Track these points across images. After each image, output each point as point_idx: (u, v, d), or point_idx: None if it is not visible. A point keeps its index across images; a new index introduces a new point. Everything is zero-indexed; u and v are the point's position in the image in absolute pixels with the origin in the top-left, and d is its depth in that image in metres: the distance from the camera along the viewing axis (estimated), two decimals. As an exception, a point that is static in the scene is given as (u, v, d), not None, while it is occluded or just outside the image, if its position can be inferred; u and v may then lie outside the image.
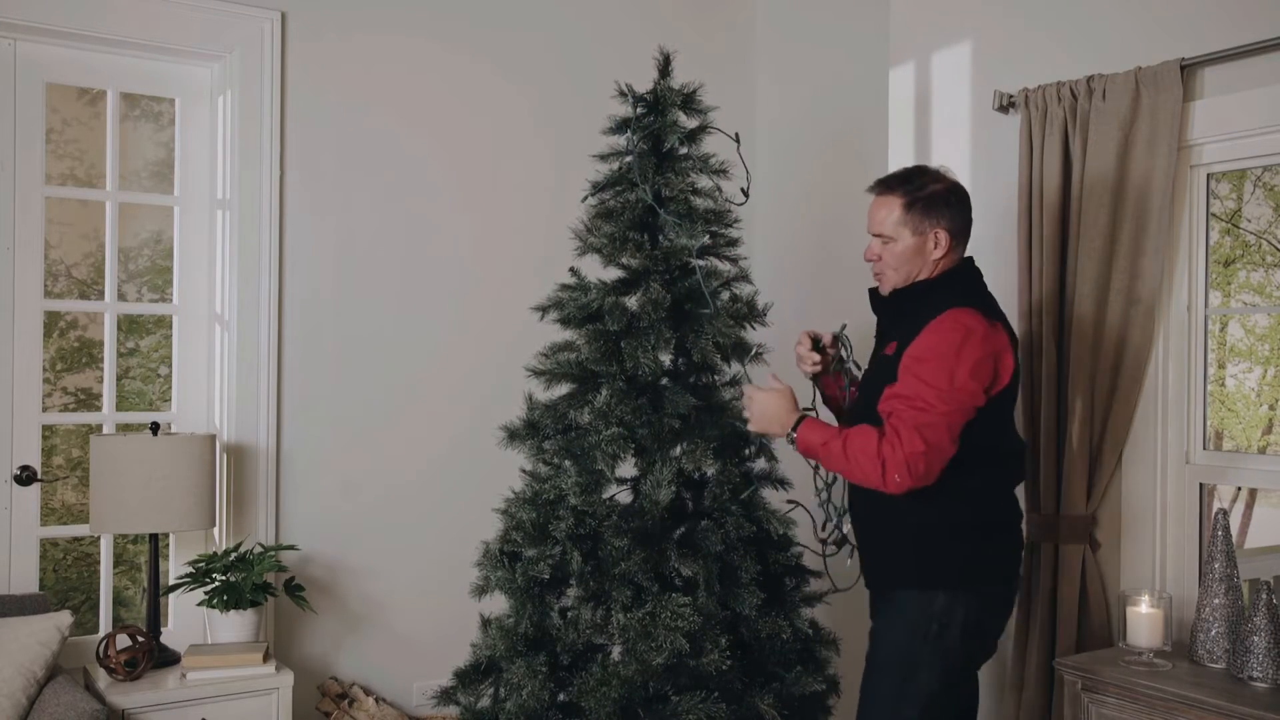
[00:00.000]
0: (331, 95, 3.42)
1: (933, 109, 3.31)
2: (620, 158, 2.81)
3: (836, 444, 2.33)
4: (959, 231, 2.41)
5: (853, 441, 2.30)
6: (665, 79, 2.80)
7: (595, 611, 2.60)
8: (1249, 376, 3.04)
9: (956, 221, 2.40)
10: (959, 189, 2.42)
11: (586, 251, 2.81)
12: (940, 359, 2.25)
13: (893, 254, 2.43)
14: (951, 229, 2.39)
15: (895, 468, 2.23)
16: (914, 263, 2.41)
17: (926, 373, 2.24)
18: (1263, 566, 3.04)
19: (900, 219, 2.40)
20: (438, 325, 3.55)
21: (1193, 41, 2.68)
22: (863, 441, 2.28)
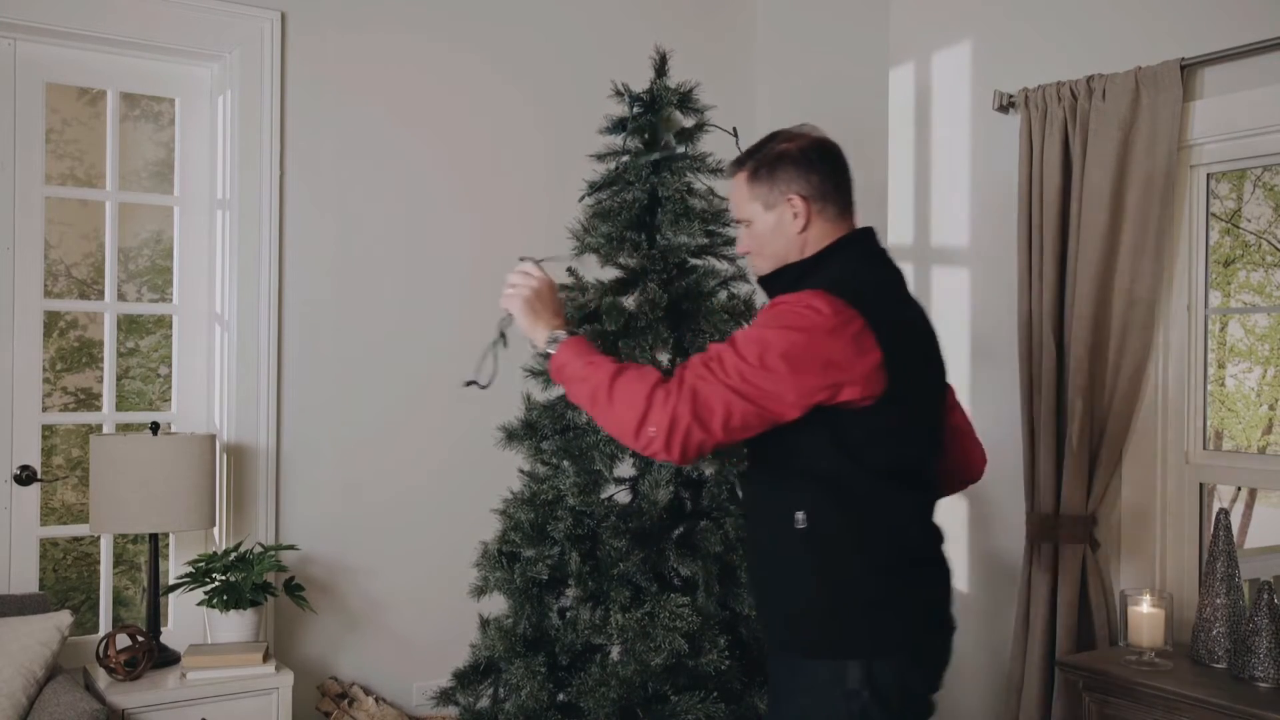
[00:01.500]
0: (331, 95, 3.42)
1: (933, 109, 3.31)
2: (617, 157, 2.81)
3: (604, 372, 1.86)
4: (819, 194, 1.94)
5: (628, 374, 1.84)
6: (662, 78, 2.80)
7: (594, 612, 2.60)
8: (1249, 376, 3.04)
9: (814, 183, 1.94)
10: (817, 145, 1.97)
11: (584, 251, 2.81)
12: (760, 331, 1.81)
13: (754, 238, 1.99)
14: (808, 192, 1.93)
15: (656, 420, 1.78)
16: (778, 242, 1.96)
17: (739, 340, 1.82)
18: (1263, 566, 3.04)
19: (749, 194, 1.98)
20: (437, 324, 3.55)
21: (1193, 41, 2.68)
22: (639, 378, 1.83)
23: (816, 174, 1.95)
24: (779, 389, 1.78)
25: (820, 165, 1.95)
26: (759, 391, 1.78)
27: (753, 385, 1.78)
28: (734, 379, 1.78)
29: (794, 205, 1.94)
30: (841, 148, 2.01)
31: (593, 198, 2.83)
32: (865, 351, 1.78)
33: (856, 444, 1.82)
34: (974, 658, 3.14)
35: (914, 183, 3.36)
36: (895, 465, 1.86)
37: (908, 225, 3.37)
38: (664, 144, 2.78)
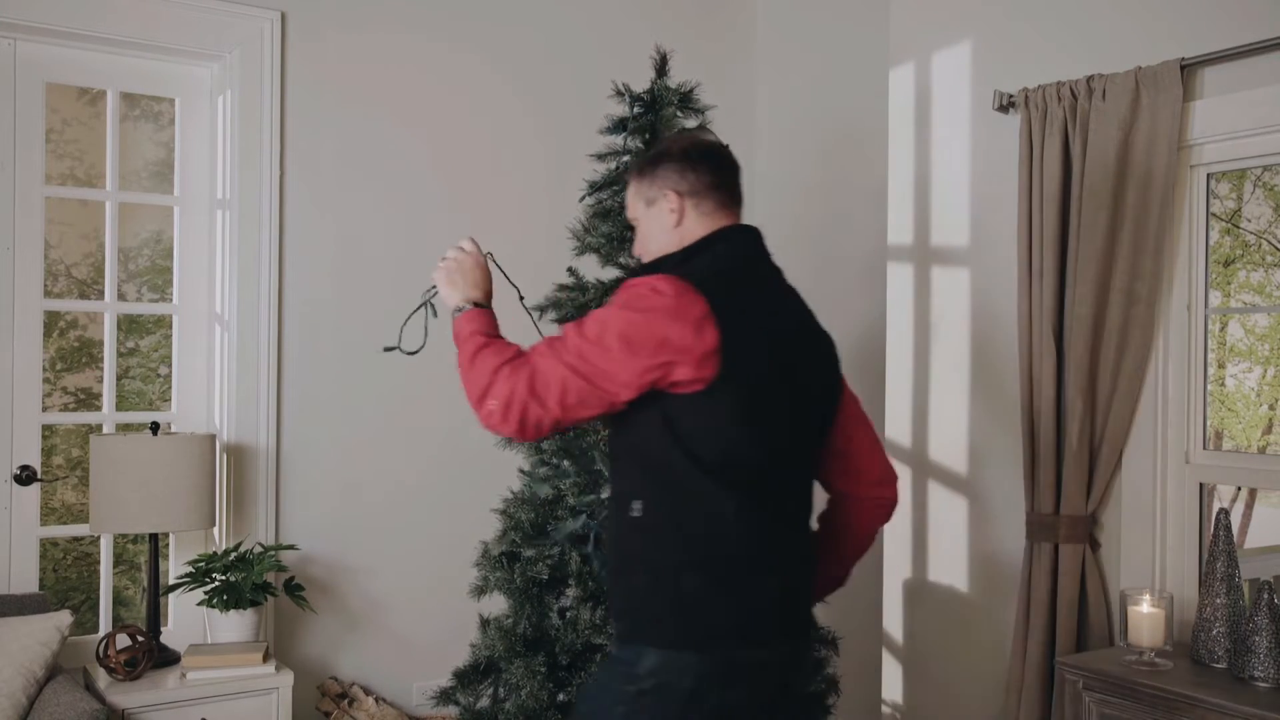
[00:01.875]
0: (331, 95, 3.42)
1: (933, 109, 3.31)
2: (618, 157, 2.81)
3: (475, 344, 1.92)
4: (693, 190, 1.96)
5: (490, 349, 1.90)
6: (662, 78, 2.80)
7: (594, 612, 2.60)
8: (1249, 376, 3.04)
9: (690, 180, 1.96)
10: (697, 145, 2.02)
11: (584, 251, 2.81)
12: (604, 311, 1.85)
13: (640, 235, 2.05)
14: (683, 189, 1.96)
15: (497, 394, 1.83)
16: (659, 238, 2.00)
17: (586, 320, 1.86)
18: (1263, 566, 3.04)
19: (634, 193, 2.04)
20: (437, 324, 3.54)
21: (1193, 41, 2.68)
22: (496, 353, 1.89)
23: (693, 172, 1.98)
24: (612, 368, 1.79)
25: (699, 163, 1.98)
26: (593, 369, 1.80)
27: (588, 363, 1.80)
28: (572, 356, 1.81)
29: (670, 201, 1.97)
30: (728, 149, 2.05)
31: (593, 198, 2.83)
32: (702, 334, 1.78)
33: (688, 435, 1.82)
34: (974, 658, 3.14)
35: (914, 183, 3.36)
36: (726, 463, 1.84)
37: (908, 225, 3.37)
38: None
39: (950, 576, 3.23)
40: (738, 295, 1.87)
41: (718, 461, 1.83)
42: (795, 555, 1.93)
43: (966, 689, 3.16)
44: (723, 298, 1.83)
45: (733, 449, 1.84)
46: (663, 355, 1.78)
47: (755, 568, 1.86)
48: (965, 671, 3.17)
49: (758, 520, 1.86)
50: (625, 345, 1.79)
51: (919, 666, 3.32)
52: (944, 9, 3.28)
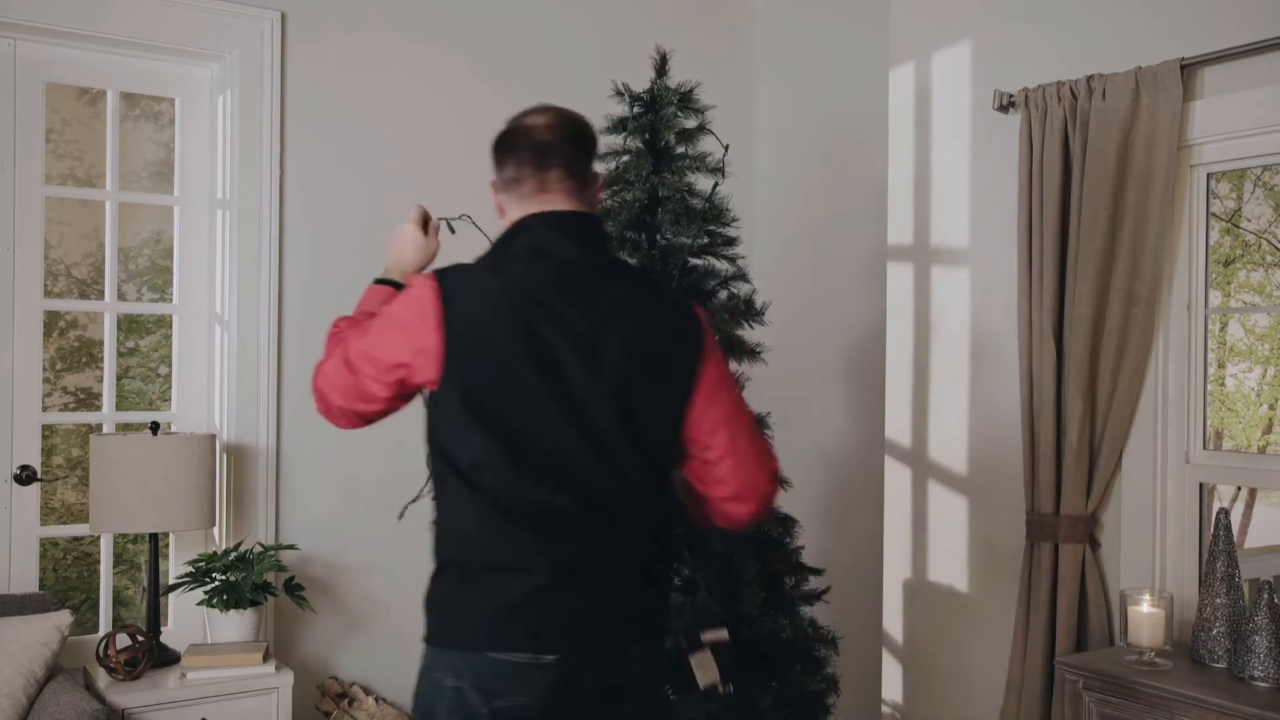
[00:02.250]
0: (331, 95, 3.42)
1: (933, 109, 3.31)
2: (618, 157, 2.81)
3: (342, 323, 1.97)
4: (504, 180, 1.92)
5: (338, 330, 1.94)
6: (662, 78, 2.80)
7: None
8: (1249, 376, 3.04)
9: (501, 169, 1.92)
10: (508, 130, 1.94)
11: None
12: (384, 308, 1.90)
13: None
14: (498, 178, 1.93)
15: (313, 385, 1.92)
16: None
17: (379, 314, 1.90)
18: (1263, 566, 3.04)
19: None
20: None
21: (1193, 41, 2.68)
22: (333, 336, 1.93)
23: (502, 161, 1.92)
24: (365, 365, 1.82)
25: (507, 152, 1.91)
26: (357, 366, 1.83)
27: (355, 359, 1.84)
28: (351, 352, 1.84)
29: (492, 194, 1.96)
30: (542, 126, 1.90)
31: (593, 197, 2.83)
32: (431, 334, 1.77)
33: (440, 434, 1.81)
34: (974, 658, 3.14)
35: (914, 183, 3.36)
36: (473, 464, 1.78)
37: (908, 225, 3.37)
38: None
39: (950, 576, 3.23)
40: (491, 292, 1.79)
41: (466, 462, 1.78)
42: (577, 564, 1.78)
43: (966, 689, 3.16)
44: (471, 297, 1.78)
45: (468, 453, 1.78)
46: (406, 356, 1.79)
47: (509, 570, 1.77)
48: (965, 671, 3.17)
49: (504, 523, 1.77)
50: (378, 342, 1.82)
51: (919, 666, 3.32)
52: (944, 9, 3.28)
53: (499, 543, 1.78)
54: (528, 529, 1.76)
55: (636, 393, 1.80)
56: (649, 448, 1.82)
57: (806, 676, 2.68)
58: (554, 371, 1.77)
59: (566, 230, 1.86)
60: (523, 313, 1.78)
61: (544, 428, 1.77)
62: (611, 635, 1.81)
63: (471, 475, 1.78)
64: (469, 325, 1.77)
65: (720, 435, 1.86)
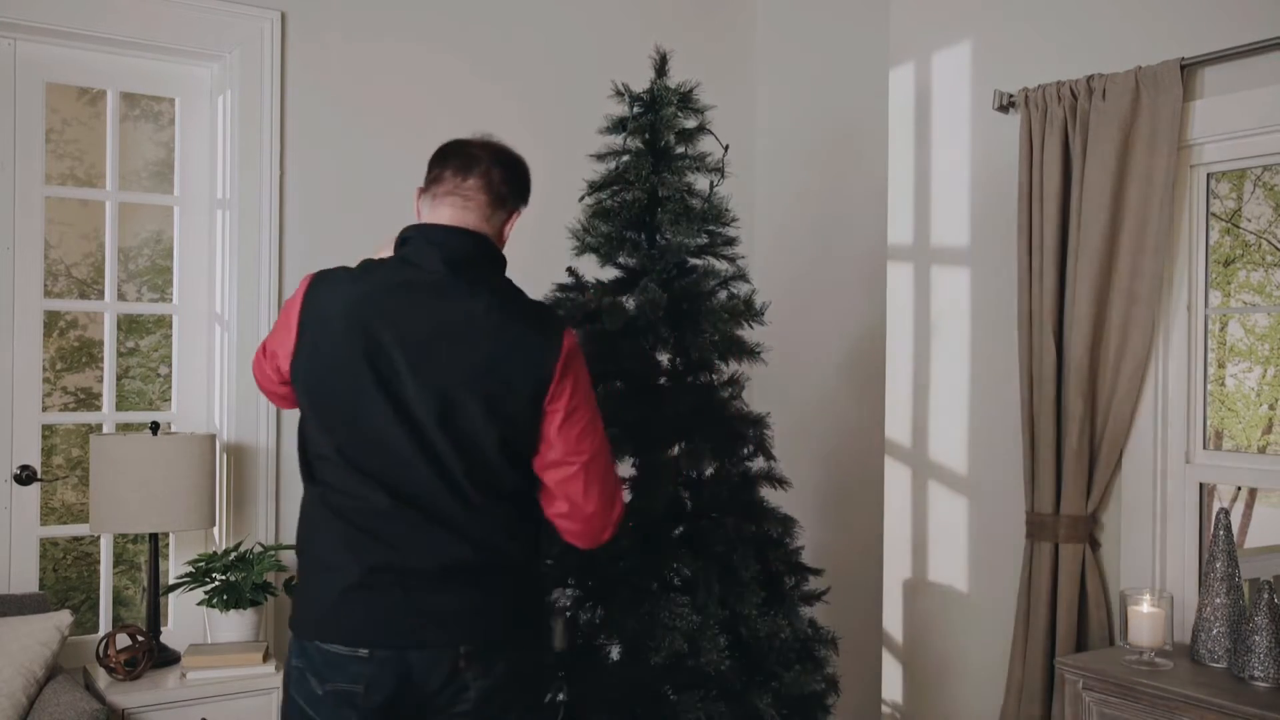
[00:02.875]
0: (331, 95, 3.42)
1: (933, 109, 3.31)
2: (617, 157, 2.81)
3: None
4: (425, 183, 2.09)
5: None
6: (662, 78, 2.80)
7: (594, 611, 2.60)
8: (1249, 376, 3.04)
9: (427, 172, 2.11)
10: (450, 142, 2.13)
11: (584, 251, 2.81)
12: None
13: None
14: (423, 183, 2.11)
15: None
16: None
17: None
18: (1263, 566, 3.04)
19: None
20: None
21: (1193, 41, 2.68)
22: None
23: (431, 166, 2.09)
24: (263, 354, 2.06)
25: (439, 159, 2.08)
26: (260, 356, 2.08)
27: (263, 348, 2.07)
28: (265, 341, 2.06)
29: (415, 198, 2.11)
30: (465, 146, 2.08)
31: (593, 197, 2.83)
32: (290, 333, 1.94)
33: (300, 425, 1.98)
34: (974, 658, 3.14)
35: (914, 183, 3.36)
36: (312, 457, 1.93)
37: (908, 225, 3.37)
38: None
39: (950, 576, 3.23)
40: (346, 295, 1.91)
41: (310, 453, 1.94)
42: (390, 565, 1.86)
43: (966, 689, 3.16)
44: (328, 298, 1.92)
45: (314, 443, 1.93)
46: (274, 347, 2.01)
47: (328, 566, 1.89)
48: (965, 671, 3.17)
49: (331, 519, 1.89)
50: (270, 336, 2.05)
51: (919, 666, 3.32)
52: (944, 9, 3.28)
53: (322, 537, 1.91)
54: (346, 525, 1.87)
55: (458, 407, 1.87)
56: (473, 461, 1.88)
57: (806, 676, 2.68)
58: (387, 376, 1.87)
59: (441, 244, 1.96)
60: (367, 317, 1.88)
61: (374, 428, 1.87)
62: (429, 635, 1.86)
63: (313, 466, 1.93)
64: (319, 324, 1.91)
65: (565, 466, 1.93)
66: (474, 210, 2.00)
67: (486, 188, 2.01)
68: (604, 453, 1.98)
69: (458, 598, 1.88)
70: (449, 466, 1.87)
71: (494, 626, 1.91)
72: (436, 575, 1.87)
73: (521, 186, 2.09)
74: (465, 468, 1.87)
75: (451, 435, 1.87)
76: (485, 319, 1.91)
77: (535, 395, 1.90)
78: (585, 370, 1.99)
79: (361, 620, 1.86)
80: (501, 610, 1.92)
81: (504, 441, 1.89)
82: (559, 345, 1.95)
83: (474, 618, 1.89)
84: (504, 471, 1.91)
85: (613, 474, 2.00)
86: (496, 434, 1.88)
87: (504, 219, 2.05)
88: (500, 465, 1.90)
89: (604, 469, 1.97)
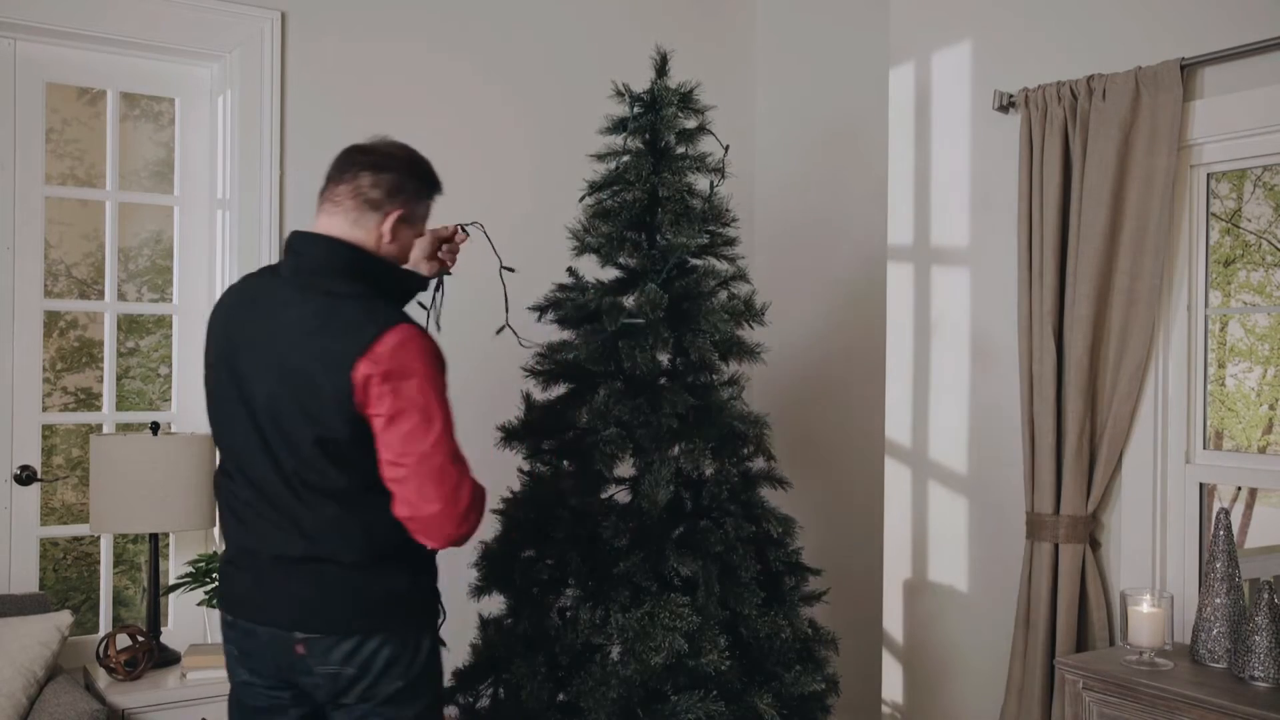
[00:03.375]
0: (331, 95, 3.42)
1: (933, 109, 3.30)
2: (618, 157, 2.81)
3: None
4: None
5: None
6: (662, 78, 2.80)
7: (594, 612, 2.60)
8: (1249, 376, 3.04)
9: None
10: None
11: (584, 251, 2.81)
12: None
13: None
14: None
15: None
16: None
17: None
18: (1263, 566, 3.04)
19: None
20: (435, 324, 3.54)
21: (1193, 41, 2.68)
22: None
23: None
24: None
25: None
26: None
27: None
28: None
29: None
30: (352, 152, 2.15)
31: (593, 198, 2.83)
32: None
33: None
34: (974, 658, 3.14)
35: (914, 183, 3.36)
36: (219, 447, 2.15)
37: (908, 225, 3.37)
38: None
39: (950, 576, 3.23)
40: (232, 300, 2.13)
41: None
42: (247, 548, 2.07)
43: (966, 689, 3.16)
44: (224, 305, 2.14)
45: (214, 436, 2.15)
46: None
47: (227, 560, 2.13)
48: (965, 671, 3.17)
49: (222, 504, 2.12)
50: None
51: (919, 666, 3.32)
52: (944, 9, 3.28)
53: (220, 518, 2.16)
54: (227, 510, 2.10)
55: (282, 409, 1.98)
56: (300, 459, 1.98)
57: (806, 676, 2.68)
58: (239, 378, 2.03)
59: (297, 252, 2.07)
60: (228, 323, 2.08)
61: (233, 427, 2.05)
62: (275, 617, 2.04)
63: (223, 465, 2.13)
64: (208, 330, 2.14)
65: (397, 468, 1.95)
66: (340, 215, 2.07)
67: (353, 193, 2.07)
68: (437, 453, 1.95)
69: (290, 588, 2.02)
70: (283, 464, 1.99)
71: (324, 620, 2.01)
72: (277, 563, 2.03)
73: (394, 187, 2.09)
74: (294, 465, 1.98)
75: (281, 435, 1.98)
76: (305, 324, 1.98)
77: (340, 399, 1.93)
78: (423, 371, 1.95)
79: (230, 592, 2.11)
80: (338, 604, 2.01)
81: (322, 441, 1.96)
82: (365, 351, 1.92)
83: (304, 608, 2.01)
84: (329, 471, 1.97)
85: (451, 472, 1.96)
86: (312, 435, 1.96)
87: (378, 220, 2.07)
88: (324, 465, 1.97)
89: (438, 469, 1.95)
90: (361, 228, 2.06)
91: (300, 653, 2.01)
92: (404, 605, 2.06)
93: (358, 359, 1.91)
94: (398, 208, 2.08)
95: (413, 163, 2.14)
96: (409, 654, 2.05)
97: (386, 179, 2.08)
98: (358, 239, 2.06)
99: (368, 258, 2.06)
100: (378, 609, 2.03)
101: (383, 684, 2.03)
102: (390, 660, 2.02)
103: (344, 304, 1.98)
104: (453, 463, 1.97)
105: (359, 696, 2.03)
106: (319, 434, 1.95)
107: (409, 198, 2.10)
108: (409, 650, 2.05)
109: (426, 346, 1.97)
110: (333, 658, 2.00)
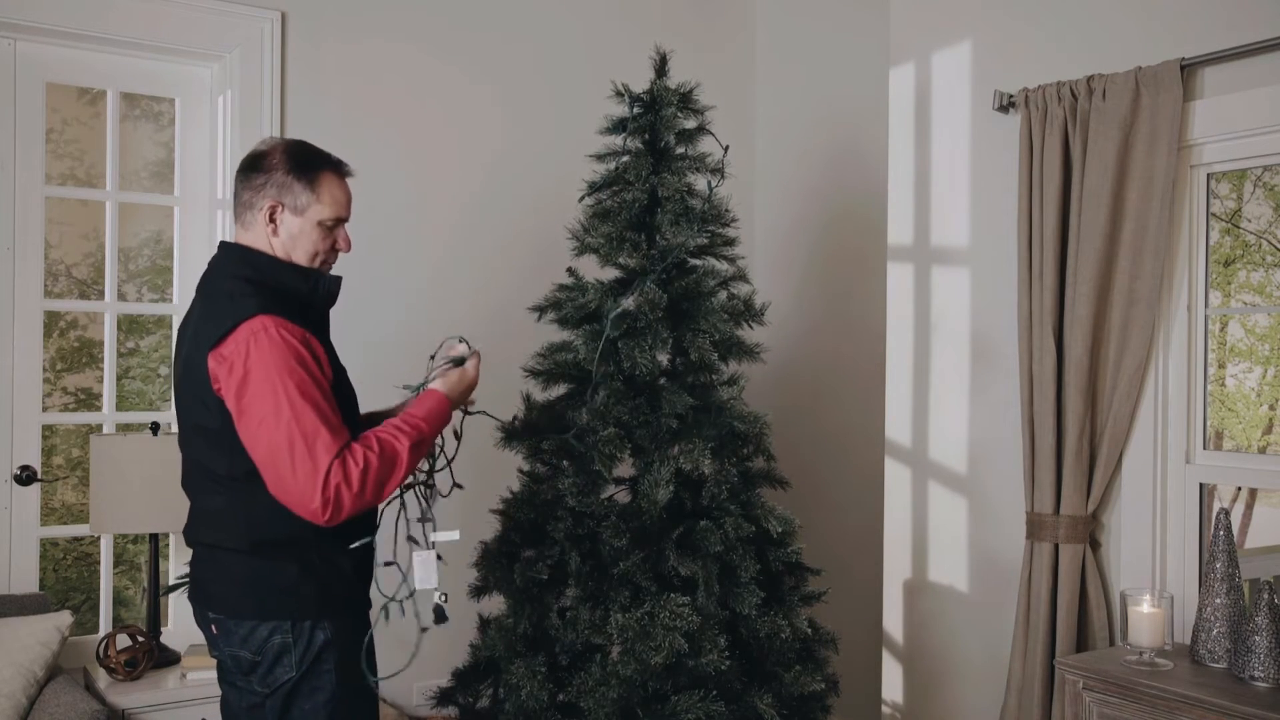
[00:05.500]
0: (331, 96, 3.42)
1: (933, 109, 3.31)
2: (617, 157, 2.81)
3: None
4: None
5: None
6: (662, 78, 2.80)
7: (594, 612, 2.60)
8: (1249, 376, 3.04)
9: None
10: None
11: (584, 251, 2.81)
12: None
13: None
14: None
15: None
16: None
17: None
18: (1263, 566, 3.04)
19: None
20: (436, 324, 3.54)
21: (1193, 41, 2.68)
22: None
23: None
24: None
25: None
26: None
27: None
28: None
29: None
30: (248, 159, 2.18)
31: (592, 198, 2.83)
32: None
33: None
34: (974, 658, 3.14)
35: (914, 183, 3.36)
36: None
37: (908, 225, 3.37)
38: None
39: (950, 576, 3.23)
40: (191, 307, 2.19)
41: None
42: (187, 534, 2.19)
43: (966, 689, 3.16)
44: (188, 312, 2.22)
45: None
46: None
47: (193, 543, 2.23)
48: (965, 671, 3.17)
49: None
50: None
51: (919, 666, 3.32)
52: (944, 9, 3.28)
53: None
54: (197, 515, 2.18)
55: (182, 400, 2.13)
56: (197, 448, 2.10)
57: (806, 676, 2.68)
58: (177, 377, 2.15)
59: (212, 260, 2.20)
60: (181, 328, 2.19)
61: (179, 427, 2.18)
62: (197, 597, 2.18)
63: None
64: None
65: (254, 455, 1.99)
66: (238, 223, 2.18)
67: (238, 201, 2.17)
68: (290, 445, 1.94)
69: (203, 571, 2.15)
70: (189, 454, 2.14)
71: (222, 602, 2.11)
72: (197, 548, 2.17)
73: (263, 181, 2.13)
74: (193, 455, 2.13)
75: (185, 426, 2.13)
76: (197, 321, 2.10)
77: (205, 387, 2.01)
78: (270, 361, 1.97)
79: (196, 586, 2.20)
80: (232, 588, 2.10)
81: (199, 429, 2.07)
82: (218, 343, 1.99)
83: (207, 589, 2.14)
84: (214, 458, 2.07)
85: (307, 460, 1.94)
86: (192, 423, 2.09)
87: (259, 218, 2.14)
88: (208, 453, 2.08)
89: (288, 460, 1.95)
90: (250, 229, 2.15)
91: (214, 632, 2.14)
92: (294, 596, 2.08)
93: (211, 350, 1.99)
94: (269, 200, 2.13)
95: (285, 152, 2.17)
96: (301, 645, 2.08)
97: (257, 177, 2.14)
98: (251, 241, 2.15)
99: (252, 256, 2.13)
100: (270, 597, 2.08)
101: (277, 671, 2.08)
102: (281, 649, 2.08)
103: (221, 300, 2.06)
104: (307, 447, 1.94)
105: (260, 682, 2.09)
106: (196, 421, 2.07)
107: (280, 187, 2.14)
108: (301, 642, 2.08)
109: (278, 337, 1.98)
110: (233, 639, 2.09)
